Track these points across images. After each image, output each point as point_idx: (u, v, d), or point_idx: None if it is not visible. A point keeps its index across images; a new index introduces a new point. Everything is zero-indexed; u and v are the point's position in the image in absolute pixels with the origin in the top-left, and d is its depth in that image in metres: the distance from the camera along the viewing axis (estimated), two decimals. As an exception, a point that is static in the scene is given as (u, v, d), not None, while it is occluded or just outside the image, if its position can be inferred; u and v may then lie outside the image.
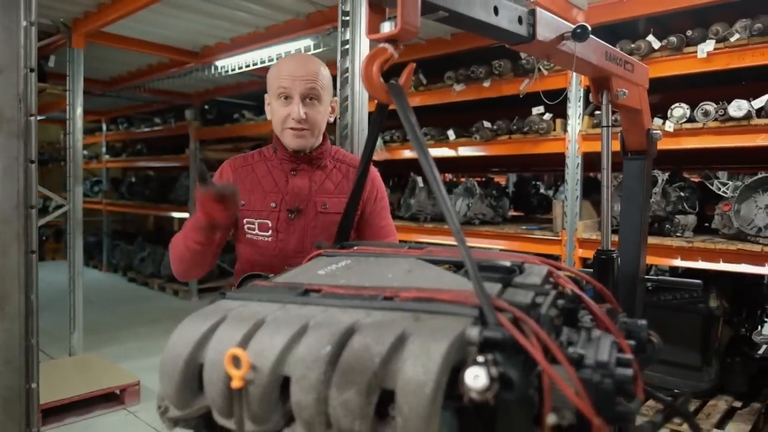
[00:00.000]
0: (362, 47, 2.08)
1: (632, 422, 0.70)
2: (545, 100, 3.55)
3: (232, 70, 4.90)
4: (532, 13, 1.14)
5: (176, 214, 8.12)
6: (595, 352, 0.69)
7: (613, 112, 1.61)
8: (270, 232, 1.60)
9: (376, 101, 0.98)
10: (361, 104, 2.10)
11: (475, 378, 0.56)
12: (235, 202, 1.33)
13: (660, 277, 1.79)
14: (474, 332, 0.61)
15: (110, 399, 3.70)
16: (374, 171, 1.70)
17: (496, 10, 1.03)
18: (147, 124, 8.12)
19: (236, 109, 6.95)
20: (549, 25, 1.19)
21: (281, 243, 1.59)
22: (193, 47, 4.98)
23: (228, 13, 4.10)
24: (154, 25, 4.28)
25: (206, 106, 7.23)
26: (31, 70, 1.30)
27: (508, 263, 0.83)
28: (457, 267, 0.95)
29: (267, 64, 4.61)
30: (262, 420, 0.68)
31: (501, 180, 7.88)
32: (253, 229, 1.61)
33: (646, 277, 1.79)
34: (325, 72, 1.59)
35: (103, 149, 9.73)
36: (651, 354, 0.85)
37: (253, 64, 4.72)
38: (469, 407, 0.60)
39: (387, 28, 0.88)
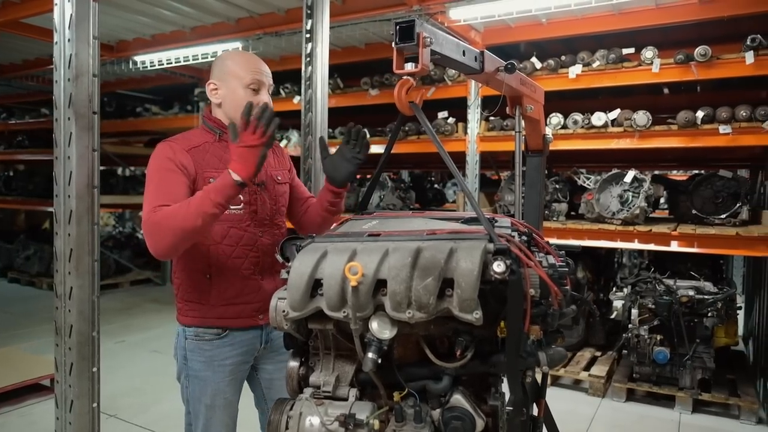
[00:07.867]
0: (323, 59, 2.50)
1: (566, 298, 1.24)
2: (478, 108, 4.19)
3: (151, 65, 4.96)
4: (482, 54, 1.67)
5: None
6: (547, 261, 1.23)
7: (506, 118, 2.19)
8: (241, 204, 1.77)
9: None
10: (322, 105, 2.52)
11: (498, 265, 1.06)
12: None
13: (553, 242, 2.44)
14: (491, 246, 1.11)
15: (39, 389, 3.70)
16: (285, 150, 2.10)
17: (464, 53, 1.55)
18: (32, 115, 7.66)
19: (137, 103, 6.86)
20: (491, 62, 1.73)
21: (252, 213, 1.81)
22: (109, 41, 4.95)
23: (153, 10, 4.19)
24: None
25: (105, 99, 7.02)
26: (94, 76, 1.58)
27: (489, 216, 1.34)
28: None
29: (191, 62, 4.75)
30: (363, 308, 1.12)
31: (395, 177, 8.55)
32: None
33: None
34: None
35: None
36: (571, 269, 1.41)
37: (176, 61, 4.83)
38: (487, 290, 1.10)
39: (410, 67, 1.36)
